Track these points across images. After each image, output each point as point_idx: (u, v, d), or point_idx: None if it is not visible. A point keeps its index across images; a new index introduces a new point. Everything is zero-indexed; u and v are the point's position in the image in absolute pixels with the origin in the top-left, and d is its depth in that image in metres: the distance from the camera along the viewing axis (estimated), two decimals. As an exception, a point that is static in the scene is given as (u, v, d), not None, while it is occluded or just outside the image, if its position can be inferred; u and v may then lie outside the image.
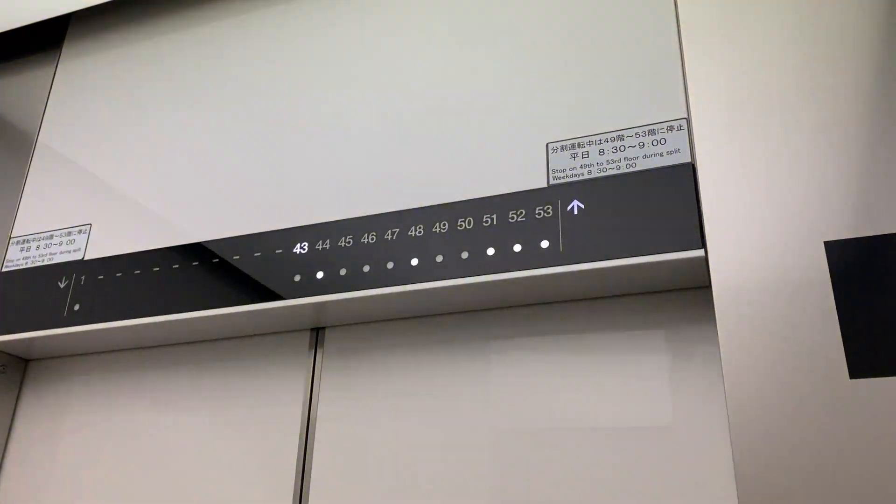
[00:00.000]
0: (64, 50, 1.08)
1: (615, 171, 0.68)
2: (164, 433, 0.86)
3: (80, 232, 0.91)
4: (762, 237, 0.59)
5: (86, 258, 0.88)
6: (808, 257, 0.57)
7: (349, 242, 0.75)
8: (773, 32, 0.66)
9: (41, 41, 1.10)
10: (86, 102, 1.01)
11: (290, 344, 0.85)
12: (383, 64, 0.84)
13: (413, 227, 0.73)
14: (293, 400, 0.82)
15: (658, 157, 0.67)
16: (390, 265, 0.72)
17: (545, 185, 0.70)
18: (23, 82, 1.08)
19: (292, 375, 0.83)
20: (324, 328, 0.84)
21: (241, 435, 0.83)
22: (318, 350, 0.83)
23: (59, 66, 1.07)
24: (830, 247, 0.57)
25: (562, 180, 0.69)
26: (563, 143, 0.71)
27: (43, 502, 0.88)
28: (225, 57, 0.94)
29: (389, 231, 0.74)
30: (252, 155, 0.86)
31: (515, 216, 0.69)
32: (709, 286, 0.59)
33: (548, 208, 0.68)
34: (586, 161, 0.69)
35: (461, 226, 0.71)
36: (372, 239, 0.74)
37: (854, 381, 0.53)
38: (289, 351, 0.85)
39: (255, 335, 0.87)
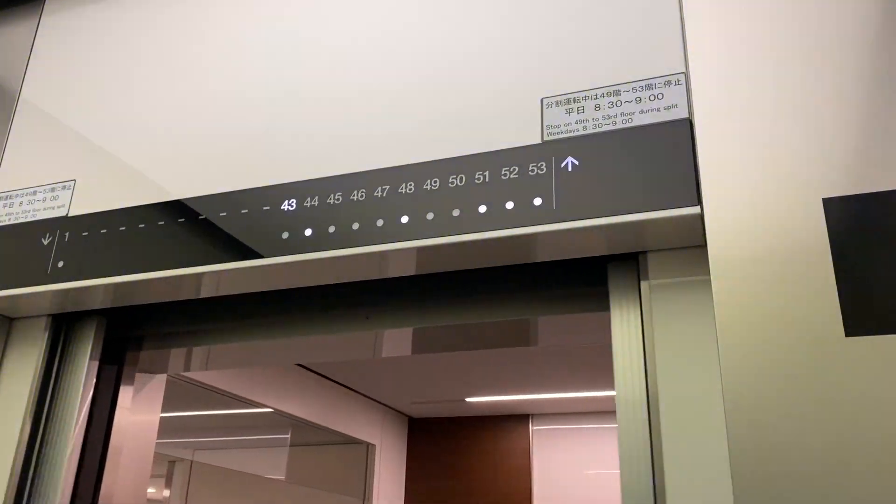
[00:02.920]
0: (46, 3, 1.05)
1: (611, 127, 0.66)
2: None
3: (63, 188, 0.89)
4: (760, 194, 0.58)
5: (70, 214, 0.87)
6: (807, 214, 0.56)
7: (338, 200, 0.74)
8: (774, -14, 0.64)
9: (24, -6, 1.08)
10: (69, 56, 0.99)
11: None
12: (374, 18, 0.82)
13: (404, 185, 0.72)
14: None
15: (655, 112, 0.65)
16: (380, 223, 0.71)
17: (539, 141, 0.68)
18: (4, 36, 1.06)
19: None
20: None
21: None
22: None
23: (41, 19, 1.04)
24: (829, 204, 0.56)
25: (556, 136, 0.68)
26: (559, 98, 0.69)
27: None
28: (212, 10, 0.92)
29: (379, 188, 0.73)
30: (240, 110, 0.84)
31: (508, 173, 0.68)
32: (704, 245, 0.58)
33: (541, 165, 0.67)
34: (581, 116, 0.68)
35: (453, 183, 0.70)
36: (361, 196, 0.73)
37: (850, 339, 0.52)
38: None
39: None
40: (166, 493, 2.72)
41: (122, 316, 0.95)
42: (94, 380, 0.92)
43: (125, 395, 0.97)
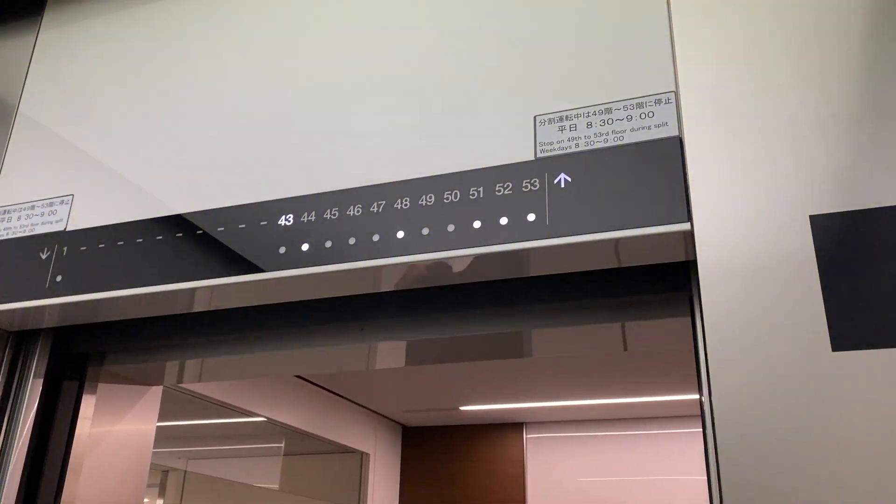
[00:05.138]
0: (45, 18, 1.06)
1: (603, 145, 0.68)
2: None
3: (62, 202, 0.90)
4: (748, 211, 0.59)
5: (68, 229, 0.87)
6: (794, 231, 0.57)
7: (335, 215, 0.75)
8: (761, 6, 0.66)
9: (21, 8, 1.08)
10: (68, 71, 1.00)
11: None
12: (370, 36, 0.83)
13: (399, 200, 0.73)
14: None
15: (646, 130, 0.66)
16: (376, 238, 0.72)
17: (532, 157, 0.70)
18: (2, 50, 1.06)
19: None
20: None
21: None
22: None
23: (39, 34, 1.05)
24: (815, 220, 0.57)
25: (549, 153, 0.69)
26: (551, 116, 0.71)
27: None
28: (209, 27, 0.93)
29: (375, 203, 0.74)
30: (238, 125, 0.85)
31: (502, 189, 0.69)
32: (694, 260, 0.59)
33: (535, 181, 0.68)
34: (574, 134, 0.69)
35: (447, 198, 0.71)
36: (357, 211, 0.74)
37: (836, 353, 0.53)
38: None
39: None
40: (160, 502, 2.71)
41: (76, 330, 0.96)
42: (38, 394, 0.94)
43: (87, 406, 0.98)
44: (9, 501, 0.87)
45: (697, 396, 0.63)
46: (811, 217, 0.57)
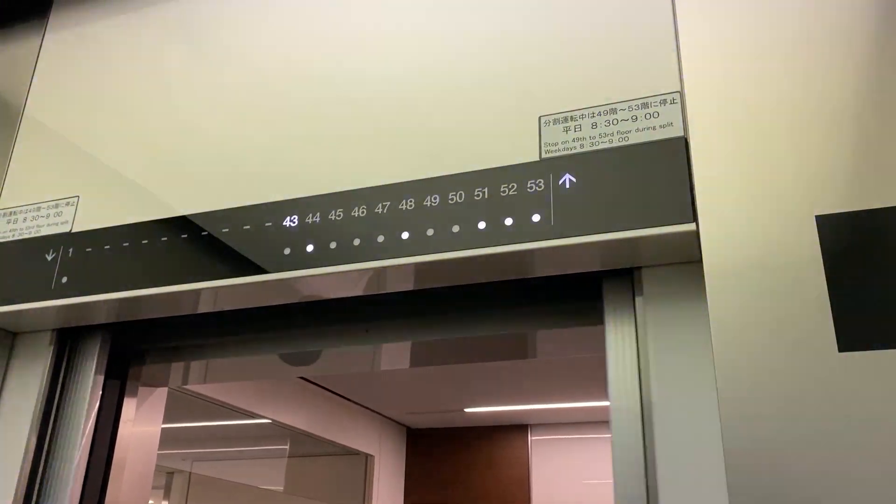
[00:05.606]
0: (50, 20, 1.06)
1: (608, 145, 0.67)
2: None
3: (67, 204, 0.90)
4: (754, 211, 0.59)
5: (73, 230, 0.87)
6: (800, 231, 0.57)
7: (339, 216, 0.75)
8: (766, 6, 0.65)
9: (27, 11, 1.09)
10: (73, 73, 1.00)
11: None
12: (374, 36, 0.83)
13: (404, 201, 0.73)
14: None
15: (651, 130, 0.66)
16: (381, 239, 0.72)
17: (537, 158, 0.70)
18: (8, 53, 1.07)
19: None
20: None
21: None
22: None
23: (45, 36, 1.05)
24: (822, 221, 0.57)
25: (554, 154, 0.69)
26: (556, 117, 0.71)
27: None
28: (213, 28, 0.93)
29: (380, 204, 0.74)
30: (242, 127, 0.85)
31: (507, 190, 0.69)
32: (700, 261, 0.59)
33: (539, 182, 0.68)
34: (579, 134, 0.69)
35: (452, 199, 0.71)
36: (362, 212, 0.74)
37: (843, 354, 0.53)
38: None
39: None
40: (165, 504, 2.72)
41: (126, 330, 0.96)
42: (100, 394, 0.93)
43: (129, 408, 0.97)
44: (73, 501, 0.87)
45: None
46: (817, 217, 0.57)
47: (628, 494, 0.64)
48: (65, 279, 0.84)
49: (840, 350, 0.53)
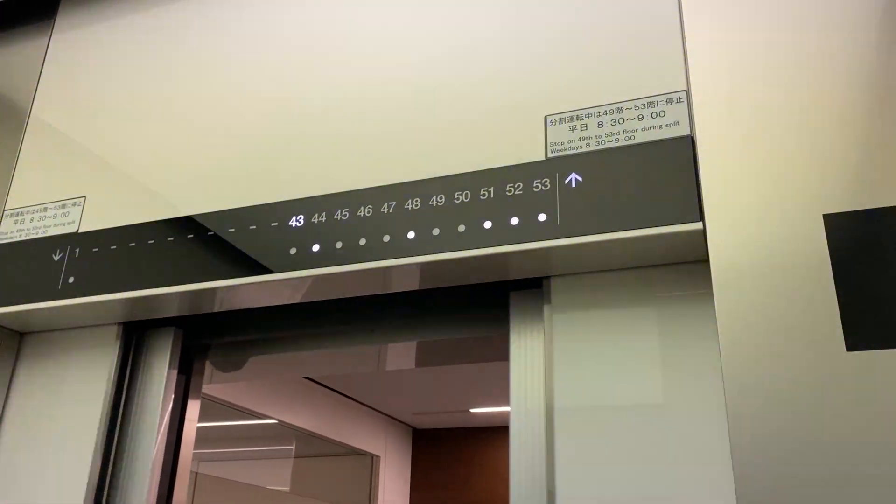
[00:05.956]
0: (57, 21, 1.07)
1: (614, 144, 0.67)
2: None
3: (74, 204, 0.90)
4: (761, 210, 0.59)
5: (80, 231, 0.88)
6: (807, 230, 0.57)
7: (345, 216, 0.75)
8: (773, 4, 0.65)
9: (34, 12, 1.09)
10: (80, 74, 1.00)
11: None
12: (380, 35, 0.83)
13: (410, 201, 0.73)
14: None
15: (657, 129, 0.66)
16: (387, 238, 0.72)
17: (543, 157, 0.69)
18: (16, 54, 1.07)
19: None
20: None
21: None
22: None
23: (52, 37, 1.06)
24: (829, 220, 0.57)
25: (560, 153, 0.69)
26: (562, 116, 0.71)
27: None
28: (219, 29, 0.93)
29: (386, 204, 0.74)
30: (248, 127, 0.85)
31: (513, 189, 0.69)
32: (707, 260, 0.59)
33: (545, 181, 0.68)
34: (585, 133, 0.69)
35: (458, 199, 0.71)
36: (368, 212, 0.74)
37: (851, 353, 0.53)
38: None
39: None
40: None
41: (195, 324, 0.94)
42: (172, 391, 0.91)
43: (193, 406, 0.95)
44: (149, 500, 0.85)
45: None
46: (825, 216, 0.57)
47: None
48: (72, 279, 0.84)
49: (848, 349, 0.53)
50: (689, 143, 0.64)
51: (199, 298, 0.82)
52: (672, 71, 0.68)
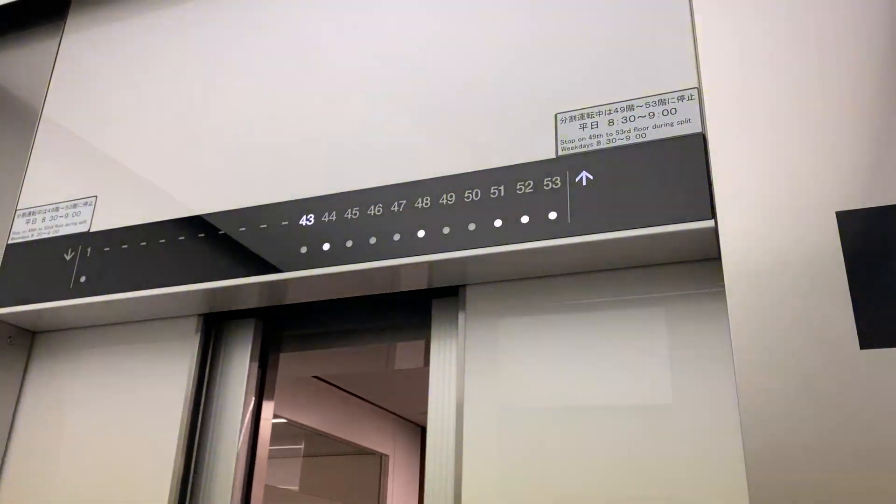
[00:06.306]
0: (68, 22, 1.07)
1: (625, 142, 0.67)
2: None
3: (85, 204, 0.90)
4: (773, 207, 0.58)
5: (91, 230, 0.88)
6: (820, 227, 0.56)
7: (355, 214, 0.75)
8: (784, 1, 0.65)
9: (45, 13, 1.10)
10: (90, 75, 1.00)
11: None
12: (390, 33, 0.83)
13: (420, 199, 0.73)
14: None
15: (668, 127, 0.66)
16: (397, 237, 0.72)
17: (554, 155, 0.69)
18: (27, 55, 1.08)
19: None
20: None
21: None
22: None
23: (63, 38, 1.06)
24: (842, 217, 0.56)
25: (570, 151, 0.69)
26: (573, 114, 0.70)
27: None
28: (229, 28, 0.94)
29: (396, 203, 0.74)
30: (258, 127, 0.85)
31: (523, 187, 0.69)
32: (718, 258, 0.59)
33: (556, 179, 0.68)
34: (595, 131, 0.69)
35: (468, 197, 0.71)
36: (378, 211, 0.74)
37: (865, 351, 0.52)
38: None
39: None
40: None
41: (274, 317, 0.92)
42: (254, 382, 0.88)
43: (268, 398, 0.92)
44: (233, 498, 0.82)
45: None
46: (838, 214, 0.56)
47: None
48: (83, 278, 0.85)
49: (862, 347, 0.52)
50: (701, 140, 0.64)
51: (211, 297, 0.82)
52: (683, 68, 0.68)
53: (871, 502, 0.49)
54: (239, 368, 0.87)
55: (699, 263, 0.68)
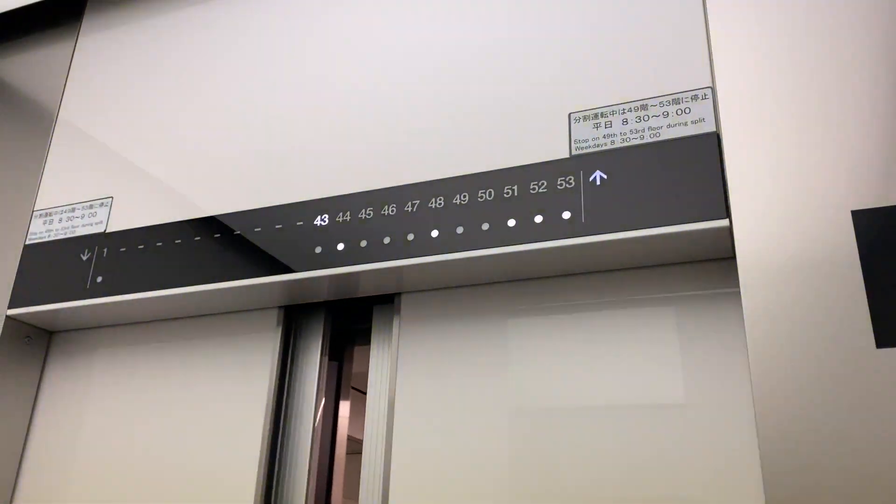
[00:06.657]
0: (83, 24, 1.08)
1: (639, 141, 0.67)
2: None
3: (101, 205, 0.91)
4: (788, 206, 0.58)
5: (108, 231, 0.89)
6: (835, 227, 0.56)
7: (369, 214, 0.75)
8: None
9: (61, 16, 1.11)
10: (106, 76, 1.01)
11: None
12: (404, 33, 0.84)
13: (433, 199, 0.73)
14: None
15: (682, 126, 0.66)
16: (411, 237, 0.72)
17: (567, 155, 0.69)
18: (43, 57, 1.09)
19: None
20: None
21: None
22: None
23: (78, 40, 1.07)
24: (858, 216, 0.56)
25: (584, 150, 0.69)
26: (586, 113, 0.70)
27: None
28: (243, 31, 0.94)
29: (409, 203, 0.74)
30: (273, 127, 0.86)
31: (537, 187, 0.69)
32: (733, 257, 0.59)
33: (570, 179, 0.68)
34: (609, 131, 0.69)
35: (482, 197, 0.71)
36: (392, 211, 0.74)
37: (881, 350, 0.52)
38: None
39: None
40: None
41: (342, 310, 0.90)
42: (325, 375, 0.86)
43: (346, 393, 0.90)
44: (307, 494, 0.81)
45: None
46: (853, 212, 0.56)
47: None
48: (100, 279, 0.86)
49: (878, 346, 0.52)
50: (715, 139, 0.64)
51: (224, 297, 0.82)
52: (697, 67, 0.68)
53: (888, 502, 0.49)
54: (312, 363, 0.86)
55: (714, 263, 0.68)
